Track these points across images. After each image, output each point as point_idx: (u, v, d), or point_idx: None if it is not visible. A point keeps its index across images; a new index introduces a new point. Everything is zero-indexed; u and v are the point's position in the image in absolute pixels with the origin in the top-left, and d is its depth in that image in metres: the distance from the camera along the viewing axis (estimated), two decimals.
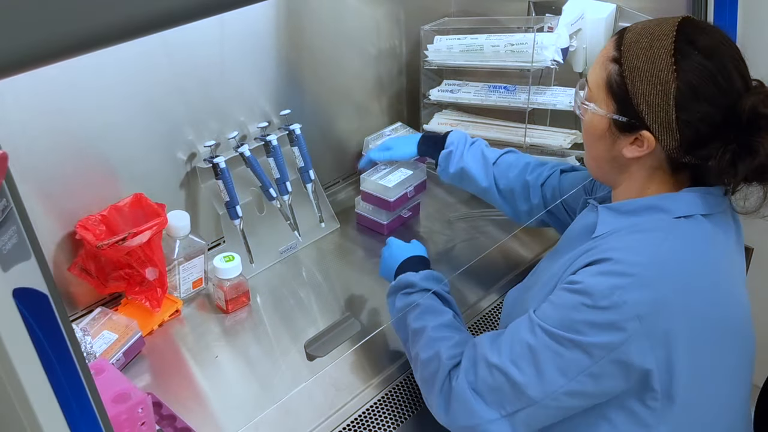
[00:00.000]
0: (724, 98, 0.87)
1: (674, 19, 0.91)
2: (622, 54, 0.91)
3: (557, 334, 0.87)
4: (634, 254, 0.87)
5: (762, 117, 0.86)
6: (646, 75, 0.89)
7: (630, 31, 0.94)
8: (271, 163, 1.41)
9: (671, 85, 0.87)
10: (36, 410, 0.57)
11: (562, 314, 0.88)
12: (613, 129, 0.94)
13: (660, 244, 0.88)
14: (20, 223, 0.53)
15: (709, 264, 0.91)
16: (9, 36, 0.49)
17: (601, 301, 0.84)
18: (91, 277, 1.23)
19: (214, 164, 1.32)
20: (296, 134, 1.44)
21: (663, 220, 0.91)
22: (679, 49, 0.88)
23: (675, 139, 0.89)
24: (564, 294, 0.89)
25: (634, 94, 0.90)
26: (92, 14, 0.53)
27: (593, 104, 0.95)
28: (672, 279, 0.86)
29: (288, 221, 1.44)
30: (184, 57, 1.29)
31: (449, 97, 1.68)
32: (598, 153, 0.99)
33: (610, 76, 0.93)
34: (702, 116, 0.87)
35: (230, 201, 1.34)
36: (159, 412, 1.05)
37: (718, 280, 0.91)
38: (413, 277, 1.11)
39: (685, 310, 0.86)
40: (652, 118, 0.89)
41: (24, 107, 1.09)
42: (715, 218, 0.93)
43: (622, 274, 0.85)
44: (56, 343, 0.57)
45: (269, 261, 1.42)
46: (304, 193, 1.48)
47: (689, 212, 0.91)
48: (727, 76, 0.88)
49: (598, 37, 1.55)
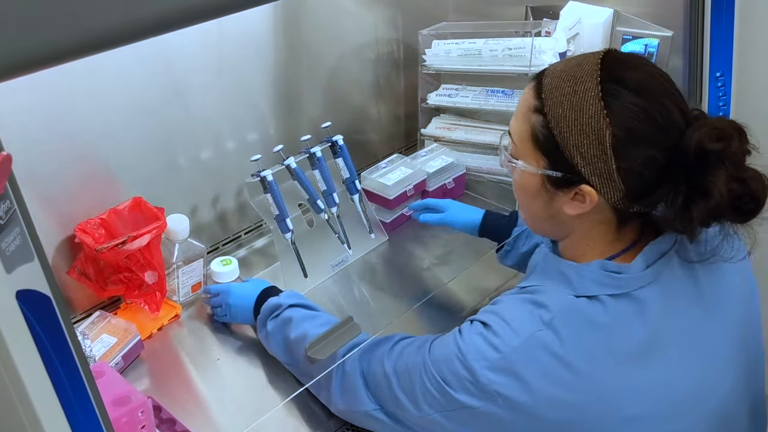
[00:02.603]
0: (665, 137, 0.79)
1: (595, 57, 0.82)
2: (544, 102, 0.82)
3: (432, 374, 0.86)
4: (512, 332, 0.82)
5: (710, 153, 0.77)
6: (575, 124, 0.79)
7: (548, 75, 0.84)
8: (316, 175, 1.39)
9: (605, 132, 0.78)
10: (38, 411, 0.57)
11: (442, 359, 0.86)
12: (547, 185, 0.85)
13: (538, 328, 0.82)
14: (23, 225, 0.53)
15: (596, 357, 0.81)
16: (8, 40, 0.49)
17: (471, 363, 0.82)
18: (90, 280, 1.23)
19: (261, 177, 1.31)
20: (339, 145, 1.42)
21: (559, 298, 0.84)
22: (607, 90, 0.79)
23: (619, 190, 0.80)
24: (450, 342, 0.86)
25: (565, 146, 0.80)
26: (91, 18, 0.54)
27: (521, 161, 0.86)
28: (535, 372, 0.80)
29: (336, 234, 1.42)
30: (182, 61, 1.29)
31: (447, 102, 1.68)
32: (534, 212, 0.90)
33: (534, 129, 0.83)
34: (645, 161, 0.79)
35: (280, 214, 1.32)
36: (159, 416, 1.05)
37: (618, 371, 0.82)
38: (275, 299, 1.13)
39: (549, 403, 0.80)
40: (590, 170, 0.80)
41: (23, 111, 1.09)
42: (642, 292, 0.83)
43: (493, 347, 0.82)
44: (59, 345, 0.58)
45: (322, 276, 1.40)
46: (350, 205, 1.46)
47: (593, 292, 0.83)
48: (665, 112, 0.79)
49: (595, 41, 1.55)
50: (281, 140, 1.41)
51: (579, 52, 1.58)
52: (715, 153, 0.77)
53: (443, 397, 0.85)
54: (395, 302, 1.34)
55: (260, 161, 1.32)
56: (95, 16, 0.54)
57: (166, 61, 1.27)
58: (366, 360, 0.97)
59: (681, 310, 0.86)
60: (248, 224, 1.53)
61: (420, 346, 0.91)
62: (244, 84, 1.43)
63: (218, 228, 1.47)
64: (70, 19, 0.52)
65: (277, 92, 1.49)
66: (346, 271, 1.43)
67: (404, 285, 1.39)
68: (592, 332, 0.82)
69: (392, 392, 0.91)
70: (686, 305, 0.87)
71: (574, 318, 0.82)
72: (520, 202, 0.93)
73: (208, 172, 1.41)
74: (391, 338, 0.98)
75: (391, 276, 1.42)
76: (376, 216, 1.51)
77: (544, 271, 0.91)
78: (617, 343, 0.82)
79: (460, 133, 1.68)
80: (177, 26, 0.62)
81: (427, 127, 1.73)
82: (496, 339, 0.82)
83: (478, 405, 0.82)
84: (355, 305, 1.34)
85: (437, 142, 1.70)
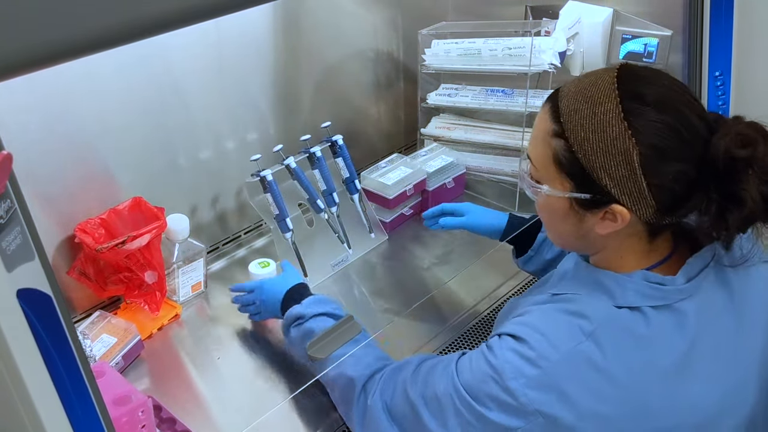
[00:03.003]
0: (691, 149, 0.78)
1: (610, 75, 0.81)
2: (564, 126, 0.80)
3: (464, 397, 0.83)
4: (549, 345, 0.80)
5: (739, 160, 0.76)
6: (600, 146, 0.78)
7: (564, 98, 0.82)
8: (316, 174, 1.39)
9: (632, 152, 0.77)
10: (39, 410, 0.57)
11: (473, 380, 0.83)
12: (576, 207, 0.83)
13: (579, 341, 0.80)
14: (24, 224, 0.53)
15: (637, 369, 0.80)
16: (7, 39, 0.49)
17: (508, 382, 0.79)
18: (90, 280, 1.23)
19: (261, 177, 1.31)
20: (339, 145, 1.42)
21: (600, 309, 0.82)
22: (628, 109, 0.77)
23: (651, 206, 0.79)
24: (480, 360, 0.83)
25: (592, 168, 0.79)
26: (90, 18, 0.54)
27: (546, 186, 0.84)
28: (578, 386, 0.78)
29: (336, 233, 1.42)
30: (182, 61, 1.29)
31: (447, 101, 1.68)
32: (563, 233, 0.88)
33: (556, 153, 0.82)
34: (675, 176, 0.78)
35: (280, 214, 1.32)
36: (159, 415, 1.05)
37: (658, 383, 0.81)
38: (298, 308, 1.10)
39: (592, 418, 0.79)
40: (620, 190, 0.79)
41: (22, 111, 1.09)
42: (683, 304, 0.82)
43: (531, 362, 0.79)
44: (59, 344, 0.58)
45: (322, 275, 1.40)
46: (349, 205, 1.46)
47: (635, 303, 0.82)
48: (689, 125, 0.78)
49: (595, 41, 1.55)
50: (281, 140, 1.41)
51: (579, 51, 1.58)
52: (743, 160, 0.76)
53: (479, 422, 0.81)
54: (395, 302, 1.34)
55: (260, 161, 1.32)
56: (94, 16, 0.54)
57: (165, 61, 1.27)
58: (388, 390, 0.93)
59: (716, 322, 0.85)
60: (248, 224, 1.53)
61: (445, 367, 0.87)
62: (243, 84, 1.43)
63: (218, 228, 1.47)
64: (69, 19, 0.52)
65: (277, 92, 1.49)
66: (346, 271, 1.43)
67: (404, 284, 1.39)
68: (634, 344, 0.80)
69: (420, 421, 0.87)
70: (721, 316, 0.85)
71: (616, 329, 0.81)
72: (548, 224, 0.91)
73: (207, 172, 1.41)
74: (411, 362, 0.94)
75: (391, 275, 1.42)
76: (376, 215, 1.51)
77: (578, 280, 0.88)
78: (658, 356, 0.81)
79: (460, 133, 1.68)
80: (176, 26, 0.62)
81: (426, 126, 1.73)
82: (532, 353, 0.80)
83: (518, 426, 0.79)
84: (355, 305, 1.34)
85: (437, 142, 1.70)
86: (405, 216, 1.56)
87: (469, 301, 1.34)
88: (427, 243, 1.51)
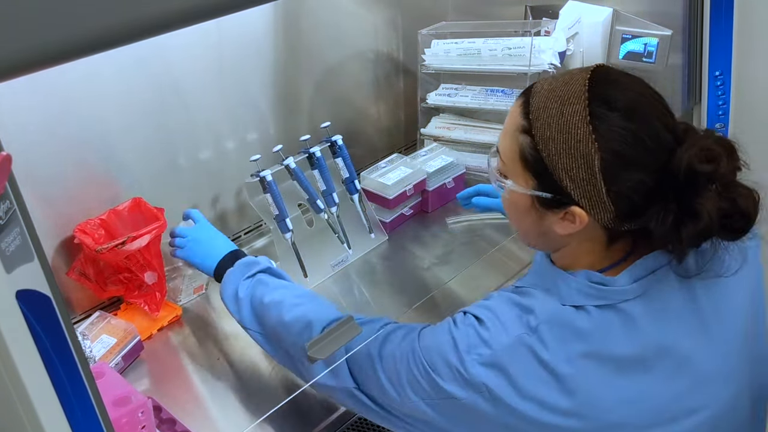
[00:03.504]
0: (654, 160, 0.78)
1: (583, 76, 0.81)
2: (532, 123, 0.81)
3: (420, 359, 0.86)
4: (503, 330, 0.83)
5: (700, 174, 0.76)
6: (563, 147, 0.78)
7: (536, 95, 0.83)
8: (316, 175, 1.39)
9: (594, 157, 0.77)
10: (38, 412, 0.56)
11: (433, 346, 0.86)
12: (537, 205, 0.84)
13: (525, 333, 0.82)
14: (23, 225, 0.53)
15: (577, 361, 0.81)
16: (7, 40, 0.49)
17: (463, 354, 0.83)
18: (90, 281, 1.23)
19: (261, 178, 1.31)
20: (338, 145, 1.42)
21: (547, 306, 0.84)
22: (595, 114, 0.77)
23: (609, 211, 0.80)
24: (444, 330, 0.87)
25: (555, 169, 0.79)
26: (90, 18, 0.53)
27: (510, 181, 0.86)
28: (523, 372, 0.81)
29: (336, 234, 1.42)
30: (182, 62, 1.29)
31: (447, 101, 1.68)
32: (526, 228, 0.90)
33: (522, 149, 0.83)
34: (634, 184, 0.78)
35: (280, 214, 1.32)
36: (159, 416, 1.05)
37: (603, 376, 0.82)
38: (252, 258, 1.13)
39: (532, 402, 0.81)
40: (579, 193, 0.79)
41: (22, 112, 1.09)
42: (627, 305, 0.83)
43: (485, 343, 0.83)
44: (59, 345, 0.57)
45: (322, 275, 1.40)
46: (349, 205, 1.46)
47: (579, 302, 0.83)
48: (654, 135, 0.78)
49: (595, 40, 1.56)
50: (281, 140, 1.42)
51: (578, 51, 1.58)
52: (704, 174, 0.76)
53: (430, 386, 0.85)
54: (395, 302, 1.34)
55: (260, 161, 1.32)
56: (94, 16, 0.54)
57: (165, 61, 1.27)
58: (351, 343, 0.96)
59: (674, 326, 0.85)
60: (248, 224, 1.53)
61: (408, 333, 0.91)
62: (243, 84, 1.43)
63: (218, 228, 1.46)
64: (69, 19, 0.52)
65: (277, 92, 1.49)
66: (346, 271, 1.42)
67: (404, 284, 1.39)
68: (575, 337, 0.82)
69: (376, 375, 0.91)
70: (680, 321, 0.85)
71: (558, 326, 0.83)
72: (511, 218, 0.92)
73: (207, 173, 1.41)
74: (377, 321, 0.97)
75: (392, 276, 1.42)
76: (376, 216, 1.51)
77: (539, 274, 0.91)
78: (601, 349, 0.82)
79: (460, 133, 1.68)
80: (176, 26, 0.62)
81: (426, 126, 1.73)
82: (487, 334, 0.83)
83: (465, 396, 0.83)
84: (355, 305, 1.34)
85: (437, 142, 1.70)
86: (405, 216, 1.56)
87: (469, 301, 1.34)
88: (428, 243, 1.50)
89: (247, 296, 1.08)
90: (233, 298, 1.10)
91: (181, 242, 1.21)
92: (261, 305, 1.06)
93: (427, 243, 1.51)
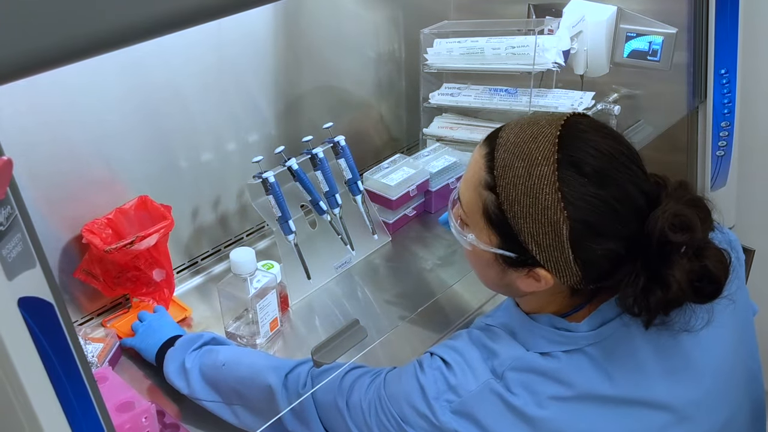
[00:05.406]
0: (626, 227, 0.75)
1: (552, 131, 0.77)
2: (497, 181, 0.77)
3: (388, 409, 0.84)
4: (471, 376, 0.81)
5: (673, 244, 0.74)
6: (530, 212, 0.75)
7: (501, 147, 0.79)
8: (318, 176, 1.38)
9: (562, 225, 0.74)
10: (41, 420, 0.56)
11: (399, 392, 0.84)
12: (500, 261, 0.82)
13: (492, 378, 0.81)
14: (25, 231, 0.52)
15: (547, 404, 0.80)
16: (8, 42, 0.48)
17: (432, 401, 0.81)
18: (98, 280, 1.22)
19: (263, 179, 1.30)
20: (341, 146, 1.40)
21: (512, 352, 0.82)
22: (564, 179, 0.74)
23: (575, 275, 0.77)
24: (410, 375, 0.84)
25: (520, 231, 0.77)
26: (91, 20, 0.53)
27: (472, 235, 0.83)
28: (492, 419, 0.80)
29: (339, 235, 1.41)
30: (183, 63, 1.28)
31: (450, 101, 1.67)
32: (488, 280, 0.88)
33: (486, 206, 0.79)
34: (604, 252, 0.75)
35: (282, 216, 1.31)
36: (162, 421, 1.04)
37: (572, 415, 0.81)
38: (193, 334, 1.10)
39: None
40: (545, 257, 0.77)
41: (22, 114, 1.08)
42: (591, 349, 0.81)
43: (453, 390, 0.81)
44: (61, 352, 0.57)
45: (325, 277, 1.38)
46: (352, 206, 1.45)
47: (545, 349, 0.82)
48: (627, 200, 0.75)
49: (599, 39, 1.55)
50: (283, 141, 1.40)
51: (582, 50, 1.57)
52: (677, 245, 0.74)
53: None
54: (399, 304, 1.33)
55: (262, 163, 1.31)
56: (95, 19, 0.53)
57: (166, 63, 1.26)
58: (317, 390, 0.93)
59: (644, 370, 0.83)
60: (250, 226, 1.52)
61: (372, 380, 0.89)
62: (245, 85, 1.42)
63: (220, 230, 1.46)
64: (70, 21, 0.52)
65: (278, 93, 1.48)
66: (349, 273, 1.41)
67: (408, 286, 1.38)
68: (544, 383, 0.80)
69: (346, 426, 0.89)
70: (649, 362, 0.83)
71: (525, 371, 0.81)
72: (473, 266, 0.90)
73: (209, 174, 1.40)
74: (340, 368, 0.93)
75: (395, 277, 1.41)
76: (379, 217, 1.50)
77: (507, 315, 0.89)
78: (571, 388, 0.80)
79: (463, 133, 1.67)
80: (177, 28, 0.62)
81: (429, 126, 1.72)
82: (454, 380, 0.81)
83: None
84: (359, 307, 1.33)
85: (440, 142, 1.69)
86: (408, 217, 1.55)
87: (473, 303, 1.33)
88: (431, 244, 1.50)
89: (195, 365, 1.04)
90: (179, 370, 1.05)
91: (135, 327, 1.18)
92: (214, 368, 1.02)
93: (431, 244, 1.50)
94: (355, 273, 1.42)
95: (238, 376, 1.00)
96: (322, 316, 1.30)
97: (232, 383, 1.00)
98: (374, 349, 1.14)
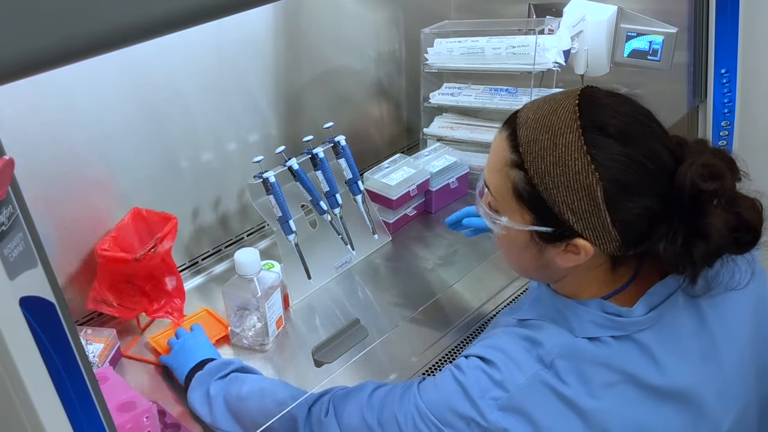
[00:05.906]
0: (657, 183, 0.75)
1: (570, 101, 0.77)
2: (523, 157, 0.77)
3: (428, 417, 0.80)
4: (516, 369, 0.79)
5: (705, 193, 0.74)
6: (562, 180, 0.75)
7: (522, 126, 0.79)
8: (319, 176, 1.38)
9: (595, 188, 0.74)
10: (43, 420, 0.56)
11: (439, 399, 0.81)
12: (536, 240, 0.80)
13: (541, 368, 0.79)
14: (26, 231, 0.52)
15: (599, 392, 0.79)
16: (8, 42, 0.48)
17: (477, 400, 0.78)
18: (112, 306, 1.19)
19: (264, 179, 1.29)
20: (342, 146, 1.40)
21: (559, 339, 0.80)
22: (591, 142, 0.74)
23: (615, 240, 0.77)
24: (448, 379, 0.82)
25: (554, 203, 0.76)
26: (91, 21, 0.53)
27: (505, 217, 0.82)
28: (543, 411, 0.78)
29: (340, 235, 1.41)
30: (183, 63, 1.28)
31: (450, 101, 1.67)
32: (524, 264, 0.86)
33: (516, 185, 0.79)
34: (640, 211, 0.75)
35: (283, 216, 1.31)
36: (163, 421, 1.04)
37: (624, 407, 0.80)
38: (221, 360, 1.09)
39: None
40: (583, 225, 0.76)
41: (22, 115, 1.08)
42: (642, 335, 0.80)
43: (499, 385, 0.78)
44: (63, 352, 0.57)
45: (325, 277, 1.38)
46: (352, 206, 1.45)
47: (593, 334, 0.80)
48: (654, 156, 0.75)
49: (599, 38, 1.55)
50: (283, 141, 1.40)
51: (583, 50, 1.57)
52: (709, 192, 0.74)
53: None
54: (400, 304, 1.33)
55: (262, 162, 1.31)
56: (95, 19, 0.53)
57: (166, 63, 1.26)
58: (344, 415, 0.90)
59: (687, 358, 0.83)
60: (251, 226, 1.52)
61: (404, 392, 0.85)
62: (245, 85, 1.42)
63: (220, 230, 1.46)
64: (70, 21, 0.52)
65: (279, 93, 1.48)
66: (350, 273, 1.41)
67: (409, 286, 1.38)
68: (595, 371, 0.79)
69: None
70: (693, 349, 0.83)
71: (576, 359, 0.79)
72: (506, 255, 0.89)
73: (209, 174, 1.40)
74: (365, 388, 0.91)
75: (395, 277, 1.41)
76: (379, 216, 1.50)
77: (543, 307, 0.87)
78: (622, 375, 0.80)
79: (463, 132, 1.67)
80: (177, 28, 0.62)
81: (429, 126, 1.72)
82: (499, 375, 0.79)
83: None
84: (359, 307, 1.33)
85: (440, 142, 1.69)
86: (408, 216, 1.55)
87: (474, 303, 1.33)
88: (431, 244, 1.50)
89: (219, 393, 1.02)
90: (204, 398, 1.04)
91: (172, 343, 1.17)
92: (238, 399, 1.01)
93: (431, 244, 1.50)
94: (356, 273, 1.42)
95: (262, 408, 0.98)
96: (322, 315, 1.30)
97: (255, 415, 0.99)
98: (375, 348, 1.14)
